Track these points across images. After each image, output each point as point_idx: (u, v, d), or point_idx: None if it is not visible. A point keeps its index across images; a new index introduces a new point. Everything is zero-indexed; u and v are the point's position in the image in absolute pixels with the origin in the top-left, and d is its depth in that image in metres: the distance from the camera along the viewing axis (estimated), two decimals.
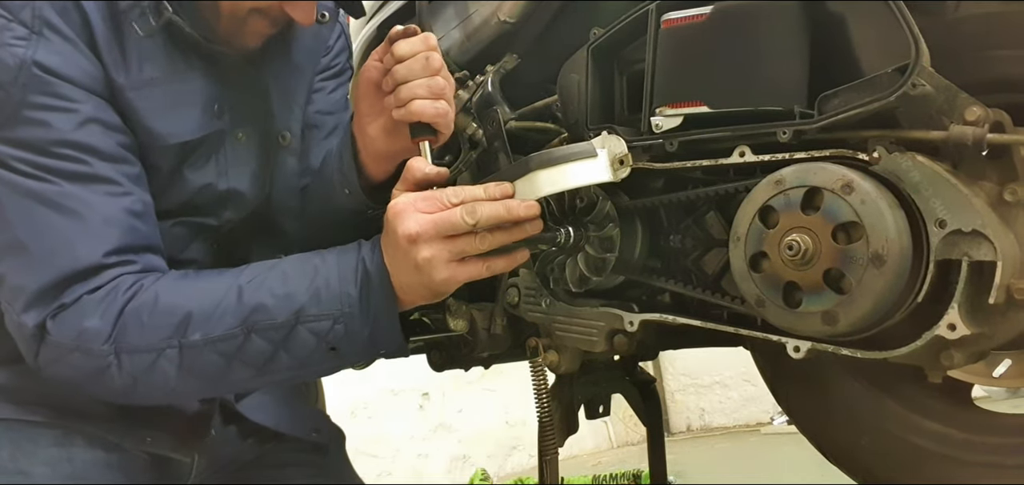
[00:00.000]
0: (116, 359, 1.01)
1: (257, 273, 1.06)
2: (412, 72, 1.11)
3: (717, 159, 1.05)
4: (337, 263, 1.05)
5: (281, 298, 1.02)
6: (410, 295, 1.03)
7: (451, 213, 1.00)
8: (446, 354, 1.48)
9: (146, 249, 1.07)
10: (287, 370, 1.05)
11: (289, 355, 1.02)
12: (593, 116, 1.16)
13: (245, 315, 1.01)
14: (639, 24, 1.11)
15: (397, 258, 1.01)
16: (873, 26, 1.00)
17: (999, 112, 0.93)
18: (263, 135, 1.22)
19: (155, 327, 1.01)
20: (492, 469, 4.00)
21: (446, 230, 1.00)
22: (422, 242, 0.99)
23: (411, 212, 1.00)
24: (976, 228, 0.90)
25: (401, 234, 0.99)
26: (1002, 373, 1.41)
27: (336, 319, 1.02)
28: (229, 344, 1.01)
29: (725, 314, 1.10)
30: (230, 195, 1.19)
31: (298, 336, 1.02)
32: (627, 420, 4.48)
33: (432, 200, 1.01)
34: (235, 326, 1.01)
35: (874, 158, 0.95)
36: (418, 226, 0.99)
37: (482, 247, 1.01)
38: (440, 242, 1.00)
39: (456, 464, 4.11)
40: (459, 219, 1.00)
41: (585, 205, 1.17)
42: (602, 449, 4.51)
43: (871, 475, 1.26)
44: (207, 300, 1.03)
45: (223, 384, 1.11)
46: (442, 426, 4.14)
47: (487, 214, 1.00)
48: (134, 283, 1.04)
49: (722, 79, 1.04)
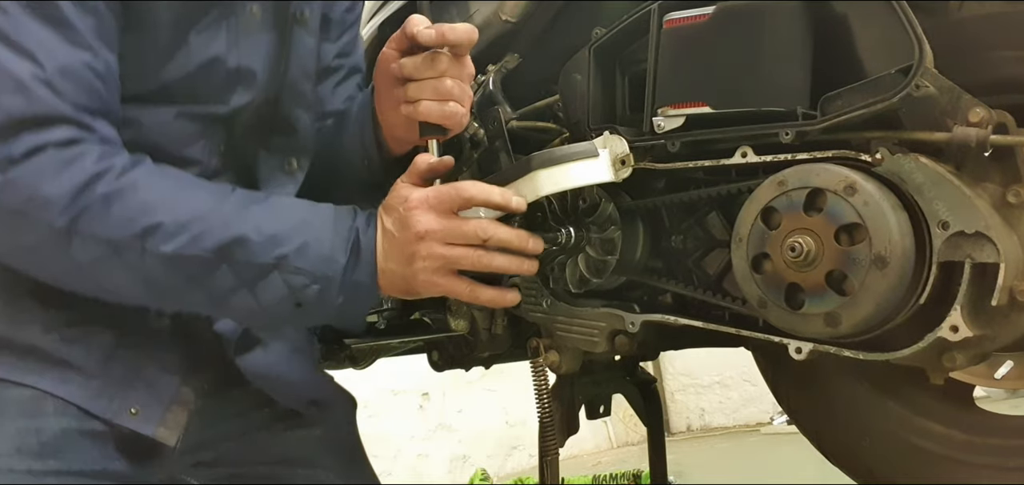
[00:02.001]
0: (67, 238, 0.91)
1: (245, 200, 0.99)
2: (418, 71, 1.08)
3: (719, 160, 1.05)
4: (332, 224, 1.00)
5: (266, 238, 0.96)
6: (388, 282, 1.01)
7: (466, 224, 0.99)
8: (446, 354, 1.48)
9: (104, 115, 0.95)
10: (243, 311, 1.00)
11: (254, 298, 0.97)
12: (595, 116, 1.16)
13: (224, 242, 0.94)
14: (641, 24, 1.11)
15: (395, 246, 0.99)
16: (876, 27, 1.00)
17: (1003, 113, 0.92)
18: (278, 10, 1.10)
19: (122, 221, 0.92)
20: (492, 469, 4.01)
21: (454, 238, 0.99)
22: (428, 242, 0.98)
23: (425, 210, 0.99)
24: (979, 230, 0.90)
25: (412, 228, 0.98)
26: (1004, 374, 1.41)
27: (316, 279, 0.97)
28: (197, 268, 0.94)
29: (727, 315, 1.10)
30: (240, 74, 1.07)
31: (271, 282, 0.96)
32: (627, 420, 4.48)
33: (446, 201, 0.99)
34: (210, 251, 0.94)
35: (877, 159, 0.95)
36: (429, 225, 0.98)
37: (479, 266, 1.00)
38: (443, 247, 0.99)
39: (456, 464, 4.11)
40: (472, 232, 0.99)
41: (587, 206, 1.17)
42: (602, 449, 4.51)
43: (872, 476, 1.26)
44: (187, 211, 0.95)
45: (170, 303, 1.01)
46: (442, 426, 4.14)
47: (500, 237, 1.00)
48: (102, 157, 0.93)
49: (724, 79, 1.04)
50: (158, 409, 1.06)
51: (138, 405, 1.04)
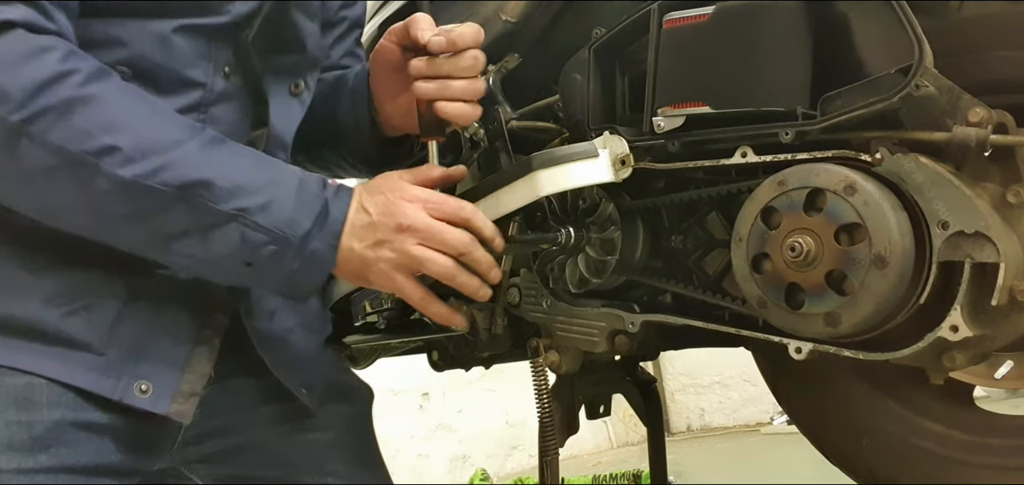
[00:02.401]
0: (16, 138, 0.84)
1: (215, 142, 0.93)
2: (429, 70, 1.06)
3: (719, 160, 1.05)
4: (299, 187, 0.96)
5: (231, 186, 0.91)
6: (344, 261, 0.97)
7: (451, 233, 0.97)
8: (446, 354, 1.48)
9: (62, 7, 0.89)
10: (187, 257, 0.93)
11: (203, 246, 0.92)
12: (595, 116, 1.16)
13: (188, 181, 0.89)
14: (641, 24, 1.11)
15: (368, 228, 0.96)
16: (876, 27, 1.00)
17: (1003, 113, 0.92)
18: None
19: (80, 133, 0.85)
20: (492, 469, 4.01)
21: (434, 243, 0.97)
22: (406, 235, 0.96)
23: (419, 206, 0.97)
24: (979, 230, 0.90)
25: (396, 217, 0.96)
26: (1004, 374, 1.41)
27: (274, 239, 0.92)
28: (153, 202, 0.88)
29: (727, 315, 1.10)
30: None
31: (226, 233, 0.91)
32: (627, 420, 4.48)
33: (442, 210, 0.98)
34: (171, 186, 0.88)
35: (877, 159, 0.95)
36: (415, 221, 0.96)
37: (445, 277, 0.99)
38: (417, 247, 0.97)
39: (456, 464, 4.11)
40: (455, 243, 0.97)
41: (587, 206, 1.17)
42: (602, 449, 4.51)
43: (872, 476, 1.26)
44: (153, 138, 0.89)
45: (112, 232, 0.93)
46: (442, 426, 4.14)
47: (476, 257, 0.99)
48: (68, 57, 0.87)
49: (724, 79, 1.04)
50: (171, 379, 1.00)
51: (148, 380, 0.98)
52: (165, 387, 0.99)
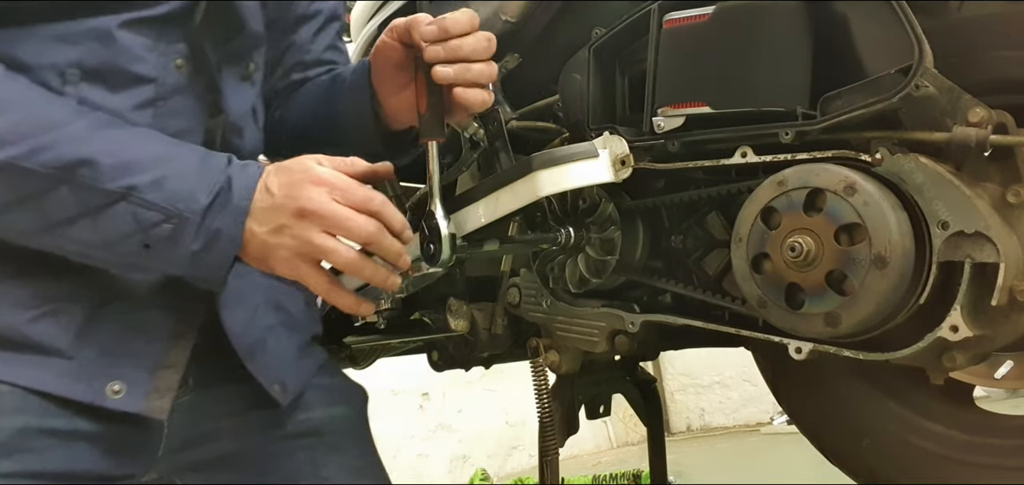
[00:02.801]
0: None
1: (102, 122, 0.89)
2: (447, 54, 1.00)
3: (719, 160, 1.05)
4: (198, 163, 0.91)
5: (118, 164, 0.86)
6: (247, 245, 0.91)
7: (357, 220, 0.91)
8: (446, 354, 1.48)
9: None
10: (80, 244, 0.89)
11: (94, 229, 0.87)
12: (595, 116, 1.16)
13: (68, 161, 0.85)
14: (641, 24, 1.11)
15: (270, 210, 0.91)
16: (876, 27, 1.00)
17: (1002, 113, 0.92)
18: None
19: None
20: (492, 469, 4.01)
21: (339, 230, 0.91)
22: (307, 221, 0.90)
23: (325, 191, 0.90)
24: (979, 230, 0.90)
25: (297, 200, 0.90)
26: (1004, 374, 1.41)
27: (169, 217, 0.87)
28: (32, 184, 0.85)
29: (727, 315, 1.10)
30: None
31: (117, 214, 0.86)
32: (627, 420, 4.48)
33: (351, 197, 0.92)
34: (50, 167, 0.84)
35: (877, 159, 0.95)
36: (317, 206, 0.89)
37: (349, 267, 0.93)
38: (319, 234, 0.90)
39: (456, 464, 4.11)
40: (358, 230, 0.91)
41: (587, 206, 1.17)
42: (602, 449, 4.51)
43: (872, 476, 1.26)
44: (30, 119, 0.86)
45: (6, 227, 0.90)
46: (442, 426, 4.14)
47: (385, 246, 0.92)
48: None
49: (724, 79, 1.04)
50: (145, 378, 0.97)
51: (121, 380, 0.95)
52: (139, 386, 0.96)
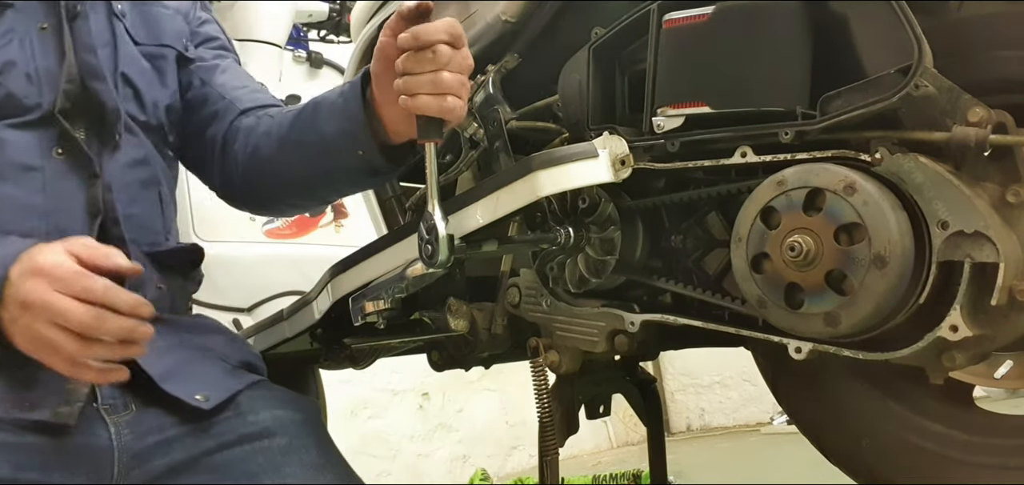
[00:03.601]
0: None
1: None
2: (416, 65, 1.03)
3: (719, 159, 1.05)
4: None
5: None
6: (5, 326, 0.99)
7: (75, 312, 0.95)
8: (446, 354, 1.48)
9: None
10: None
11: None
12: (594, 116, 1.16)
13: None
14: (641, 24, 1.11)
15: (9, 301, 0.98)
16: (875, 26, 1.00)
17: (1002, 113, 0.92)
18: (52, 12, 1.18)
19: None
20: (492, 469, 4.01)
21: (61, 321, 0.95)
22: (32, 313, 0.96)
23: (43, 282, 0.96)
24: (978, 230, 0.90)
25: (21, 293, 0.97)
26: (1003, 374, 1.41)
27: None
28: None
29: (726, 315, 1.10)
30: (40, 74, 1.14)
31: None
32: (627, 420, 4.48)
33: (68, 285, 0.96)
34: None
35: (876, 159, 0.95)
36: (35, 300, 0.96)
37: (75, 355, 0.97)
38: (47, 327, 0.96)
39: (456, 464, 4.11)
40: (76, 322, 0.95)
41: (587, 206, 1.17)
42: (602, 449, 4.51)
43: (872, 476, 1.26)
44: None
45: None
46: (442, 426, 4.14)
47: (109, 330, 0.96)
48: None
49: (724, 79, 1.04)
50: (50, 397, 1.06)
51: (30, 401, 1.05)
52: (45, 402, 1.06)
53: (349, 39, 2.67)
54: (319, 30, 2.78)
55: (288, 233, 2.27)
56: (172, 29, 1.33)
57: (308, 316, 1.44)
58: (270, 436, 1.16)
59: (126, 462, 1.09)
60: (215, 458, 1.14)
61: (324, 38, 2.80)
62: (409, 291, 1.18)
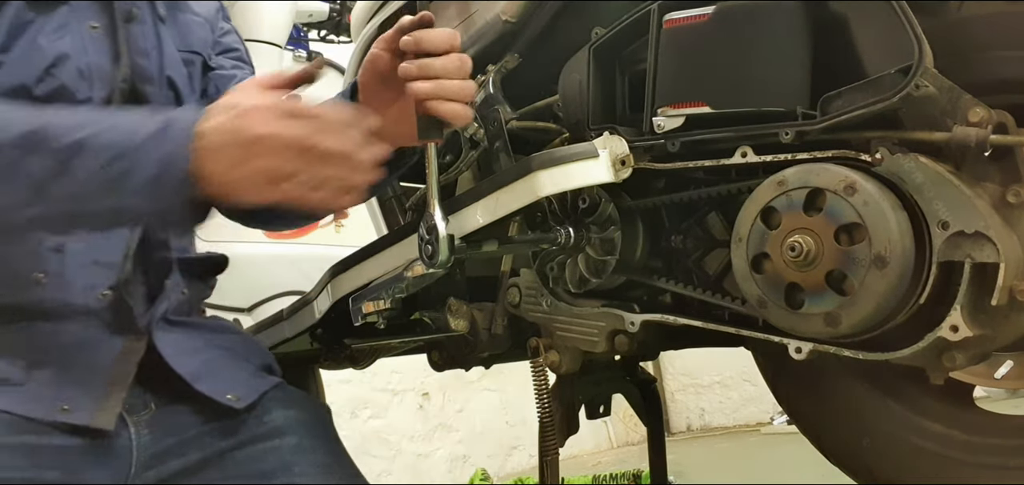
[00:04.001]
0: None
1: (44, 106, 1.01)
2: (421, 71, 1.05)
3: (719, 160, 1.05)
4: (139, 112, 1.00)
5: (69, 125, 0.97)
6: (211, 186, 0.97)
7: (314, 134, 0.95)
8: (446, 354, 1.48)
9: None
10: (62, 202, 0.97)
11: (66, 184, 0.96)
12: (595, 116, 1.16)
13: (28, 131, 0.96)
14: (641, 24, 1.11)
15: (223, 149, 0.96)
16: (876, 27, 1.00)
17: (1002, 113, 0.92)
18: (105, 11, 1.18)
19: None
20: (492, 469, 4.01)
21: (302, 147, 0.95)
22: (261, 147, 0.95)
23: (265, 114, 0.95)
24: (979, 230, 0.90)
25: (246, 131, 0.95)
26: (1004, 374, 1.41)
27: (120, 153, 0.96)
28: (5, 156, 0.96)
29: (726, 315, 1.10)
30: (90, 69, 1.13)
31: (78, 165, 0.96)
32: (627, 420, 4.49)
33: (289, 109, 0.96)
34: (14, 138, 0.96)
35: (877, 159, 0.95)
36: (267, 130, 0.95)
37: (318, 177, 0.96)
38: (276, 158, 0.95)
39: (456, 464, 4.11)
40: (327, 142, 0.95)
41: (587, 206, 1.17)
42: (602, 449, 4.51)
43: (872, 476, 1.26)
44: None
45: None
46: (442, 426, 4.14)
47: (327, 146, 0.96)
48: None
49: (724, 79, 1.04)
50: (89, 401, 1.07)
51: (68, 402, 1.05)
52: (85, 405, 1.06)
53: (349, 39, 2.67)
54: (319, 30, 2.78)
55: (288, 233, 2.27)
56: (200, 37, 1.34)
57: (308, 316, 1.44)
58: (282, 435, 1.18)
59: (143, 462, 1.10)
60: (227, 458, 1.16)
61: (324, 38, 2.80)
62: (409, 291, 1.18)
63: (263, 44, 2.44)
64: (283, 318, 1.50)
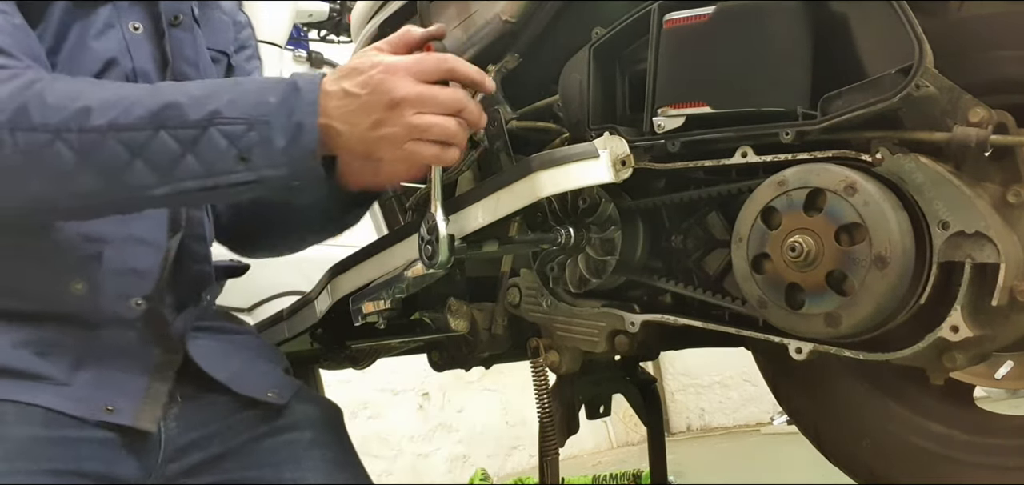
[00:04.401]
0: (11, 137, 0.95)
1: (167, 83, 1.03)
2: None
3: (719, 160, 1.05)
4: (261, 81, 1.01)
5: (198, 99, 0.98)
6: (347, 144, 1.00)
7: (444, 93, 0.99)
8: (447, 354, 1.48)
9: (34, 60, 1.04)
10: (194, 178, 0.99)
11: (197, 160, 0.98)
12: (595, 116, 1.16)
13: (157, 109, 0.97)
14: (641, 24, 1.11)
15: (361, 109, 0.98)
16: (876, 26, 1.00)
17: (1003, 113, 0.92)
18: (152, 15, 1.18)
19: (56, 108, 0.96)
20: (492, 469, 4.01)
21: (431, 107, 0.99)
22: (402, 109, 0.98)
23: (404, 75, 0.98)
24: (979, 230, 0.90)
25: (387, 93, 0.97)
26: (1004, 374, 1.41)
27: (251, 124, 0.97)
28: (134, 136, 0.97)
29: (727, 315, 1.10)
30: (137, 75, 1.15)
31: (209, 139, 0.97)
32: (627, 420, 4.49)
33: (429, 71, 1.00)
34: (144, 118, 0.97)
35: (877, 159, 0.95)
36: (407, 92, 0.98)
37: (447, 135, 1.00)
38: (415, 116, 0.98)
39: (456, 464, 4.12)
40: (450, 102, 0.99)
41: (587, 206, 1.17)
42: (602, 449, 4.52)
43: (872, 476, 1.26)
44: (117, 93, 0.99)
45: (122, 184, 1.00)
46: (442, 426, 4.15)
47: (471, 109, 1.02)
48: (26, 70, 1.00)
49: (724, 79, 1.04)
50: (131, 403, 1.09)
51: (112, 404, 1.08)
52: (128, 406, 1.09)
53: (349, 39, 2.67)
54: (319, 30, 2.78)
55: None
56: (226, 36, 1.35)
57: (308, 316, 1.44)
58: (295, 429, 1.22)
59: (169, 456, 1.13)
60: (244, 450, 1.19)
61: (324, 38, 2.80)
62: (409, 291, 1.18)
63: (263, 44, 2.44)
64: (283, 318, 1.50)
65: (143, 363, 1.13)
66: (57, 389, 1.05)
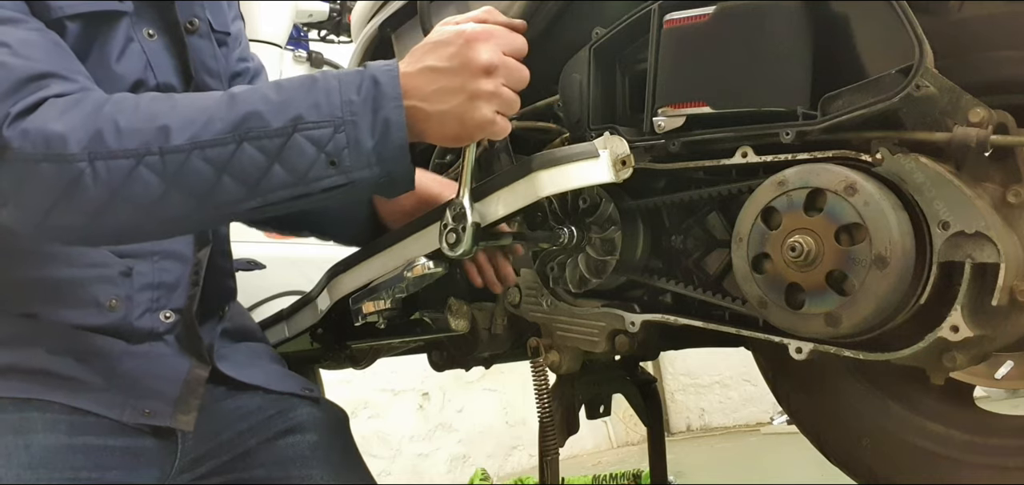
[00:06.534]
0: (90, 167, 0.91)
1: (248, 88, 1.00)
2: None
3: (719, 160, 1.05)
4: (338, 78, 0.98)
5: (277, 105, 0.94)
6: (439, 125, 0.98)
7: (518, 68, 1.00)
8: (446, 354, 1.48)
9: (80, 72, 1.02)
10: (283, 188, 0.95)
11: (285, 169, 0.94)
12: (595, 116, 1.16)
13: (237, 121, 0.94)
14: (641, 24, 1.11)
15: (451, 83, 0.97)
16: (876, 27, 1.00)
17: (1003, 114, 0.92)
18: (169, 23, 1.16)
19: (134, 131, 0.93)
20: (492, 469, 4.01)
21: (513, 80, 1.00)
22: (495, 78, 0.97)
23: (491, 42, 0.98)
24: (979, 230, 0.90)
25: (478, 61, 0.96)
26: (1004, 374, 1.41)
27: (337, 126, 0.94)
28: (219, 152, 0.93)
29: (727, 315, 1.10)
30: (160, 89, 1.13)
31: (295, 146, 0.94)
32: (627, 420, 4.49)
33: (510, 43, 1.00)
34: (225, 132, 0.93)
35: (877, 159, 0.95)
36: (496, 60, 0.97)
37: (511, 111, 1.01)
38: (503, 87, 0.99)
39: (456, 464, 4.11)
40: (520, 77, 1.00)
41: (587, 206, 1.17)
42: (602, 449, 4.51)
43: (872, 476, 1.26)
44: (192, 108, 0.96)
45: (211, 203, 0.96)
46: (442, 426, 4.14)
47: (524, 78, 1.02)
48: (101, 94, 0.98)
49: (725, 79, 1.04)
50: (168, 407, 1.13)
51: (149, 408, 1.11)
52: (166, 409, 1.13)
53: (349, 39, 2.67)
54: (319, 30, 2.78)
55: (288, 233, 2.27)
56: (224, 17, 1.35)
57: (308, 316, 1.44)
58: (302, 431, 1.24)
59: (183, 466, 1.16)
60: (253, 453, 1.21)
61: (324, 38, 2.80)
62: (409, 291, 1.18)
63: (263, 44, 2.44)
64: (283, 318, 1.50)
65: (176, 371, 1.15)
66: (95, 393, 1.07)
